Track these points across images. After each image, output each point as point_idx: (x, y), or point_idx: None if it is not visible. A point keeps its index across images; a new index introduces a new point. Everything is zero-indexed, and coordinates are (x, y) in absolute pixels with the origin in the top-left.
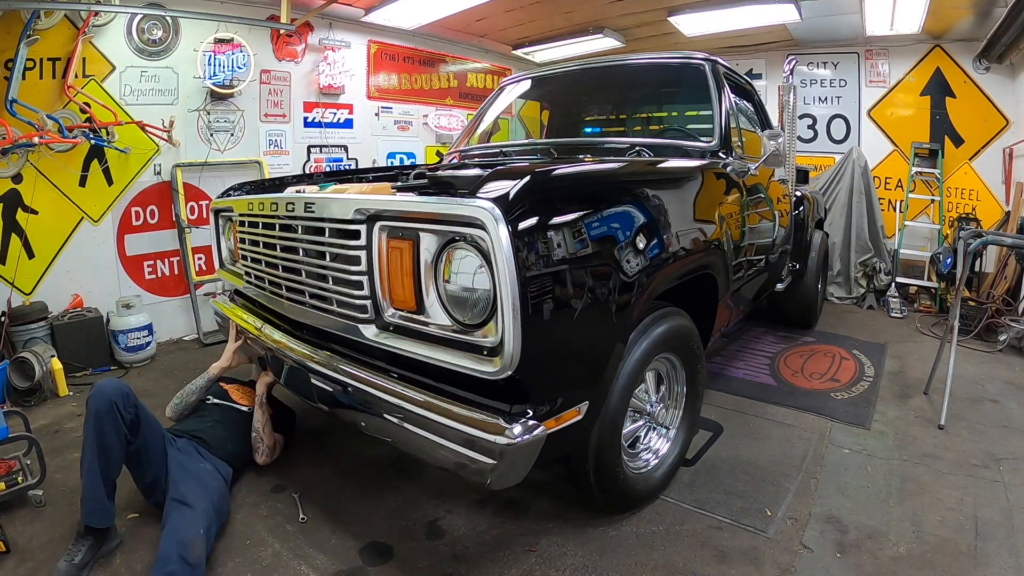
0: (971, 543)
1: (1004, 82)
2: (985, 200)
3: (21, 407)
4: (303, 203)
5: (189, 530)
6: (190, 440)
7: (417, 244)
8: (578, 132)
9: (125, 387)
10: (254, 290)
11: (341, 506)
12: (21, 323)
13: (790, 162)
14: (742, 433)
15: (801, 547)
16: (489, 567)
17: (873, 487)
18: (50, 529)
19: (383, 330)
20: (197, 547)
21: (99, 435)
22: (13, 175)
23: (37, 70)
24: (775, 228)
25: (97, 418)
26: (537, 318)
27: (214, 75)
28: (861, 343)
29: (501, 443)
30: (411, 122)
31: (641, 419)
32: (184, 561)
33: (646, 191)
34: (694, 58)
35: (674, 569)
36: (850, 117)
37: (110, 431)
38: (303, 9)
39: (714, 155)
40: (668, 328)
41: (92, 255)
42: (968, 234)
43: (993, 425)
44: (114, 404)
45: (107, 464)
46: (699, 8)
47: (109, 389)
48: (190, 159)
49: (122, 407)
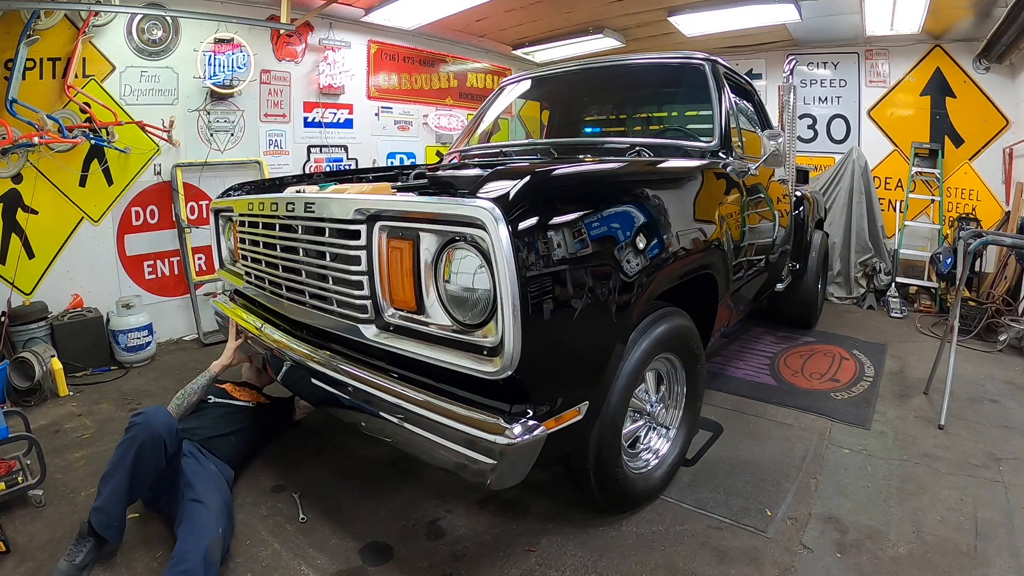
0: (971, 543)
1: (1004, 82)
2: (985, 200)
3: (21, 407)
4: (303, 203)
5: (208, 528)
6: (192, 442)
7: (417, 244)
8: (578, 132)
9: (175, 423)
10: (254, 290)
11: (341, 506)
12: (21, 323)
13: (790, 162)
14: (742, 433)
15: (801, 547)
16: (489, 567)
17: (873, 487)
18: (50, 529)
19: (383, 330)
20: (215, 547)
21: (136, 464)
22: (13, 175)
23: (37, 70)
24: (775, 228)
25: (140, 449)
26: (537, 318)
27: (214, 75)
28: (861, 343)
29: (501, 443)
30: (411, 122)
31: (641, 419)
32: (204, 559)
33: (646, 191)
34: (694, 58)
35: (674, 569)
36: (850, 117)
37: (149, 463)
38: (303, 9)
39: (714, 155)
40: (668, 328)
41: (92, 255)
42: (968, 234)
43: (993, 425)
44: (163, 441)
45: (134, 490)
46: (699, 8)
47: (160, 425)
48: (190, 159)
49: (169, 443)
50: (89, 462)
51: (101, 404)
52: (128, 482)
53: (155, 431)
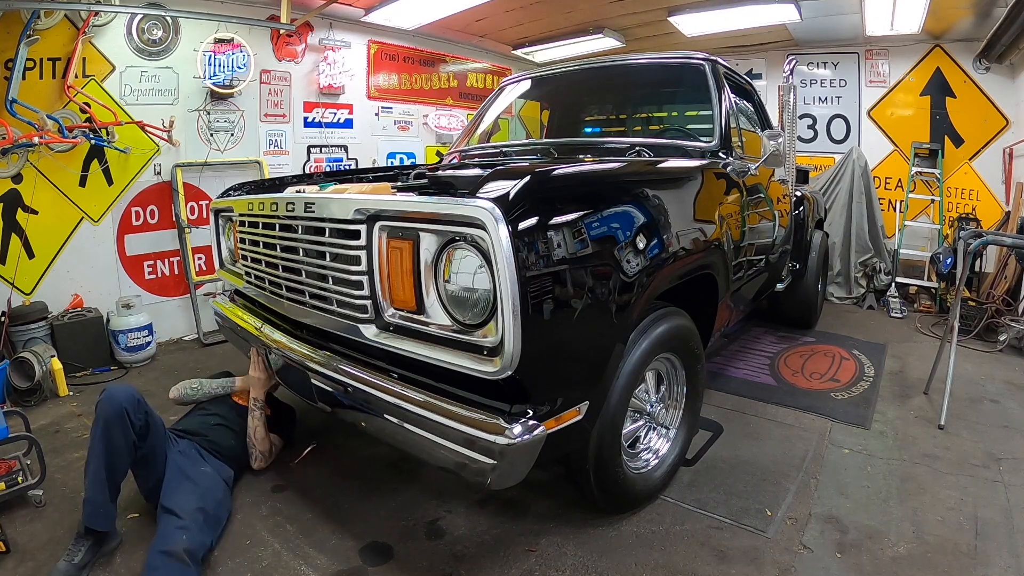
0: (971, 543)
1: (1004, 82)
2: (985, 200)
3: (21, 407)
4: (303, 203)
5: (171, 539)
6: (191, 442)
7: (417, 244)
8: (578, 132)
9: (136, 394)
10: (254, 290)
11: (341, 506)
12: (21, 323)
13: (790, 162)
14: (742, 433)
15: (801, 547)
16: (489, 567)
17: (873, 487)
18: (50, 529)
19: (383, 330)
20: (180, 555)
21: (107, 441)
22: (13, 175)
23: (37, 70)
24: (775, 228)
25: (106, 424)
26: (537, 318)
27: (214, 75)
28: (861, 343)
29: (501, 443)
30: (411, 122)
31: (641, 419)
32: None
33: (646, 191)
34: (694, 58)
35: (674, 569)
36: (850, 117)
37: (118, 437)
38: (303, 9)
39: (714, 155)
40: (668, 328)
41: (92, 255)
42: (968, 234)
43: (993, 425)
44: (124, 411)
45: (113, 470)
46: (699, 8)
47: (120, 395)
48: (190, 159)
49: (133, 414)
50: None
51: None
52: (104, 462)
53: (117, 404)
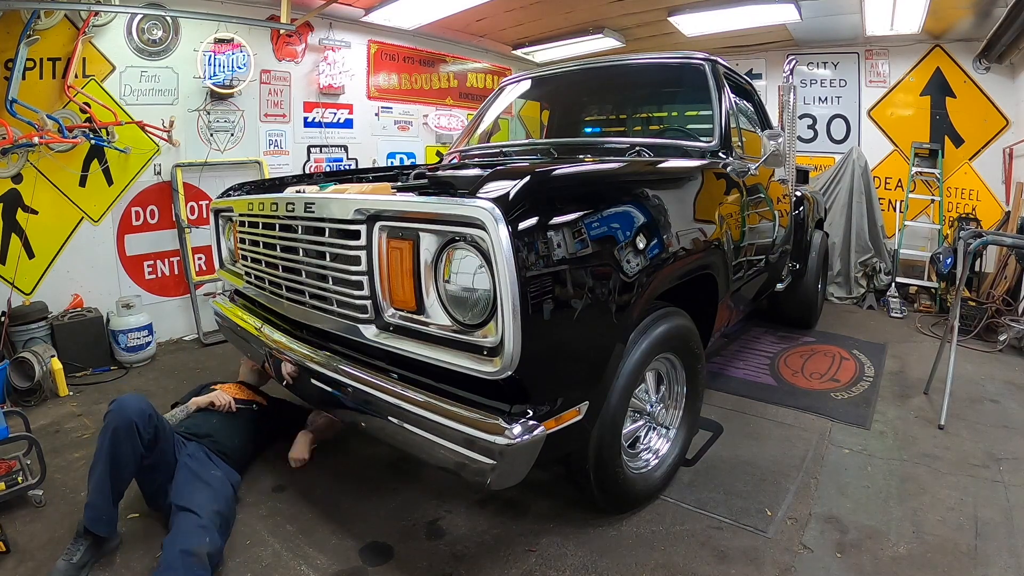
0: (971, 543)
1: (1004, 82)
2: (985, 200)
3: (21, 407)
4: (303, 203)
5: (192, 538)
6: (199, 444)
7: (417, 244)
8: (578, 132)
9: (147, 407)
10: (254, 290)
11: (341, 506)
12: (21, 323)
13: (790, 162)
14: (742, 433)
15: (801, 547)
16: (489, 567)
17: (873, 487)
18: (50, 529)
19: (383, 330)
20: (201, 557)
21: (114, 450)
22: (13, 175)
23: (37, 70)
24: (775, 228)
25: (115, 434)
26: (537, 318)
27: (214, 75)
28: (861, 343)
29: (501, 443)
30: (411, 122)
31: (641, 419)
32: (189, 570)
33: (646, 191)
34: (694, 58)
35: (674, 569)
36: (850, 117)
37: (126, 449)
38: (303, 9)
39: (714, 155)
40: (668, 328)
41: (92, 255)
42: (968, 234)
43: (993, 425)
44: (134, 424)
45: (118, 478)
46: (699, 8)
47: (131, 409)
48: (190, 159)
49: (142, 428)
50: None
51: (101, 404)
52: (109, 471)
53: (127, 416)
